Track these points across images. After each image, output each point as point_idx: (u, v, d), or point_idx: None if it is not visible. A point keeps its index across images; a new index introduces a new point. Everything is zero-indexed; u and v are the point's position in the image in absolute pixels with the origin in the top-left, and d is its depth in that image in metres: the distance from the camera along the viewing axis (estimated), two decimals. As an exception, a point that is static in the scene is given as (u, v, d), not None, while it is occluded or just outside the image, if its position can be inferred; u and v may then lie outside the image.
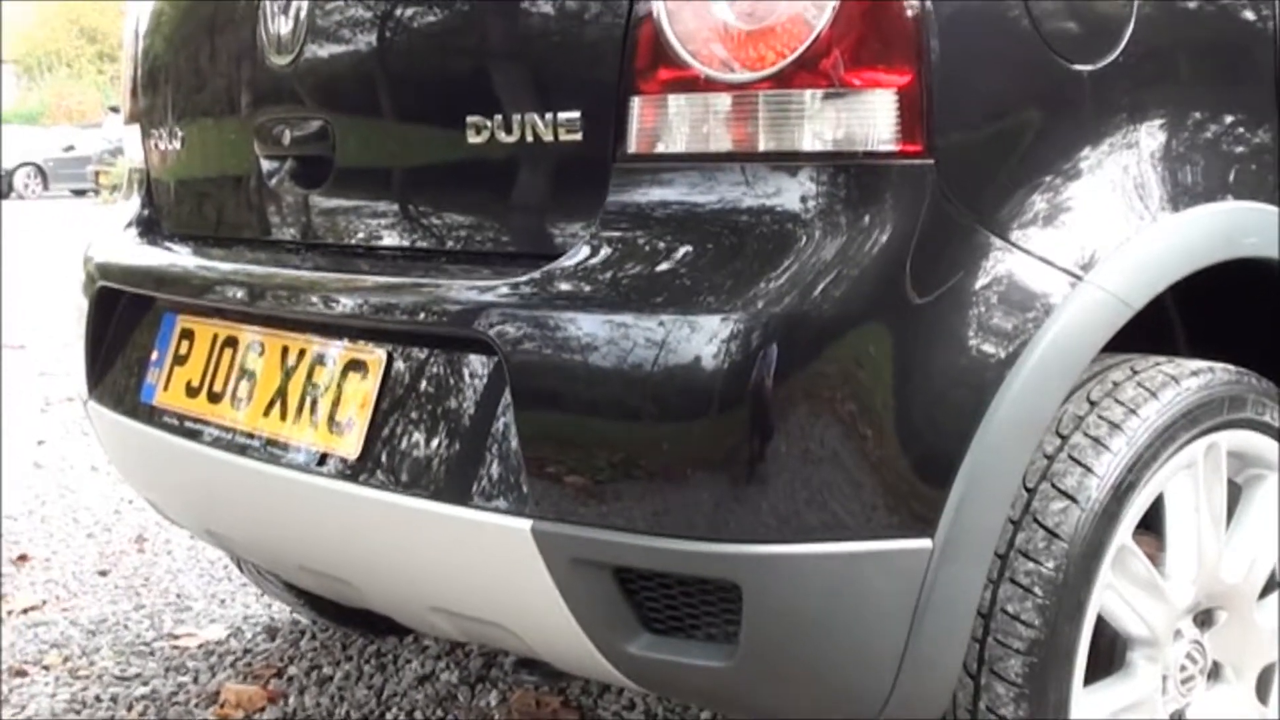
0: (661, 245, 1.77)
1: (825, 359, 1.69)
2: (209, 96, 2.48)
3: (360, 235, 2.16)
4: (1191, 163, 1.97)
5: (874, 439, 1.70)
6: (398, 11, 2.07)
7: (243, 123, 2.36)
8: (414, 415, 1.94)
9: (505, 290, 1.84)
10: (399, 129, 2.12)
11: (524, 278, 1.84)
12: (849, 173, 1.72)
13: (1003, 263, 1.76)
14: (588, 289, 1.78)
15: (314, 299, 2.09)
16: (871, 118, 1.71)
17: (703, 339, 1.68)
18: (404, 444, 1.94)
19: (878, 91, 1.71)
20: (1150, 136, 1.93)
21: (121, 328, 2.56)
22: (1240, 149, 2.05)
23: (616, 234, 1.81)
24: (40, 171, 32.15)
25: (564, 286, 1.80)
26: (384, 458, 1.95)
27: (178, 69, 2.58)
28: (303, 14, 2.19)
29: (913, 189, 1.72)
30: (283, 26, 2.22)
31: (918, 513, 1.72)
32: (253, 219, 2.38)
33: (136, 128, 2.72)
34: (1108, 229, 1.85)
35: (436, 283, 1.94)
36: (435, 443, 1.90)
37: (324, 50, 2.18)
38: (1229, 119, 2.05)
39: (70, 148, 32.58)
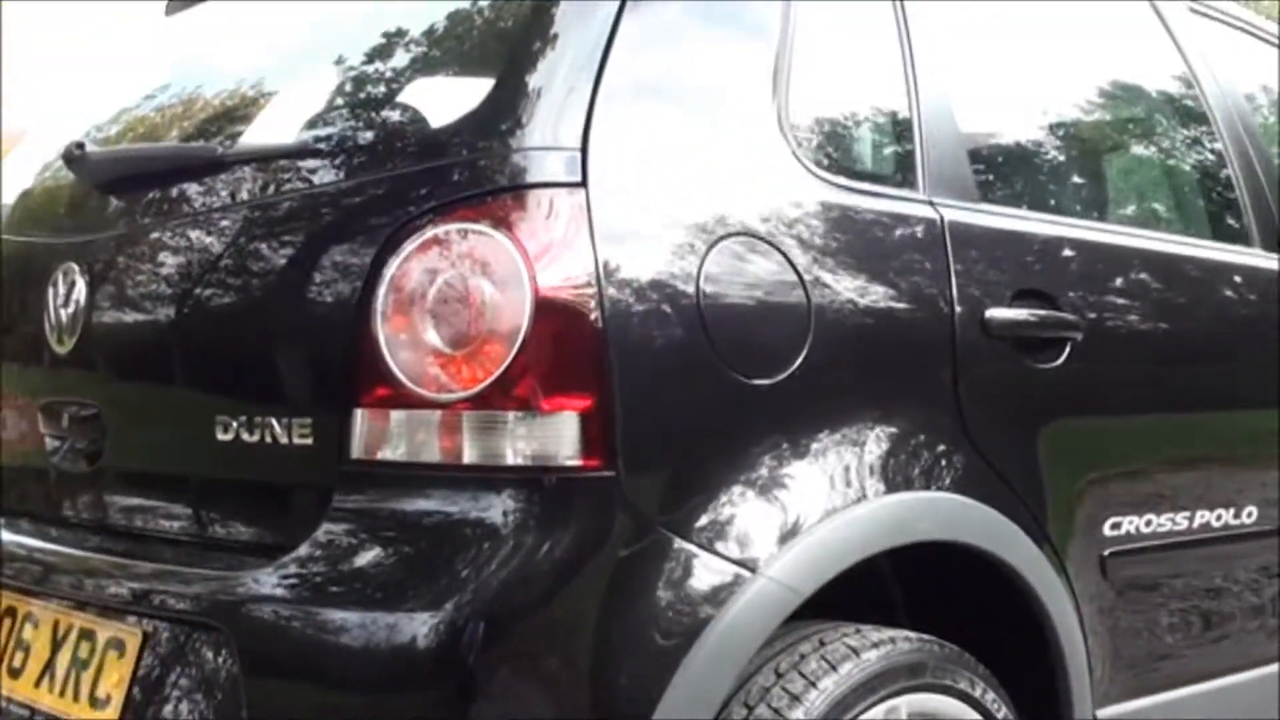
0: (380, 544, 2.00)
1: (521, 649, 1.92)
2: (7, 368, 2.69)
3: (125, 519, 2.37)
4: (862, 461, 2.22)
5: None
6: (160, 312, 2.30)
7: (32, 400, 2.56)
8: (163, 692, 2.13)
9: (241, 581, 2.06)
10: (160, 422, 2.33)
11: (258, 570, 2.06)
12: (541, 485, 1.96)
13: (681, 560, 2.00)
14: (312, 581, 2.00)
15: (82, 578, 2.29)
16: (559, 436, 1.95)
17: (408, 634, 1.90)
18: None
19: (564, 414, 1.95)
20: (825, 440, 2.19)
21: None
22: (914, 445, 2.30)
23: (341, 532, 2.03)
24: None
25: (291, 579, 2.02)
26: (137, 733, 2.14)
27: None
28: (81, 304, 2.41)
29: (596, 499, 1.96)
30: (64, 313, 2.45)
31: (600, 786, 1.93)
32: (39, 493, 2.58)
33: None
34: (781, 526, 2.09)
35: (184, 570, 2.16)
36: (180, 718, 2.09)
37: (98, 342, 2.40)
38: (905, 419, 2.30)
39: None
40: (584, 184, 2.00)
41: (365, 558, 1.99)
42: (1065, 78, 2.96)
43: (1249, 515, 2.92)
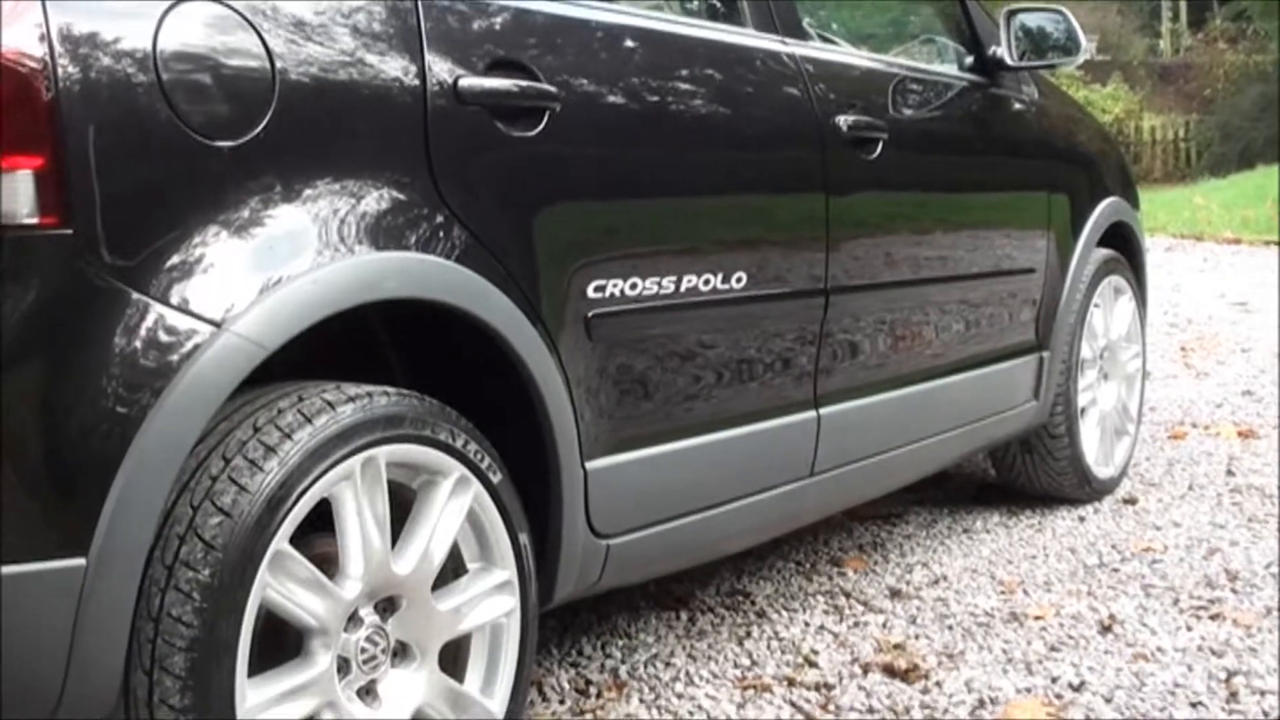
0: None
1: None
2: None
3: None
4: (336, 220, 2.41)
5: (27, 473, 2.09)
6: None
7: None
8: None
9: None
10: None
11: None
12: (1, 241, 2.08)
13: (145, 317, 2.16)
14: None
15: None
16: (15, 194, 2.08)
17: None
18: None
19: (19, 173, 2.08)
20: (296, 199, 2.37)
21: None
22: (387, 205, 2.51)
23: None
24: None
25: None
26: None
27: None
28: None
29: (56, 257, 2.10)
30: None
31: (70, 535, 2.11)
32: None
33: None
34: (249, 283, 2.27)
35: None
36: None
37: None
38: (377, 179, 2.50)
39: None
40: None
41: None
42: None
43: (738, 281, 3.24)
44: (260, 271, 2.30)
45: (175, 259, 2.21)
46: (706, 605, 3.92)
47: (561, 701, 3.30)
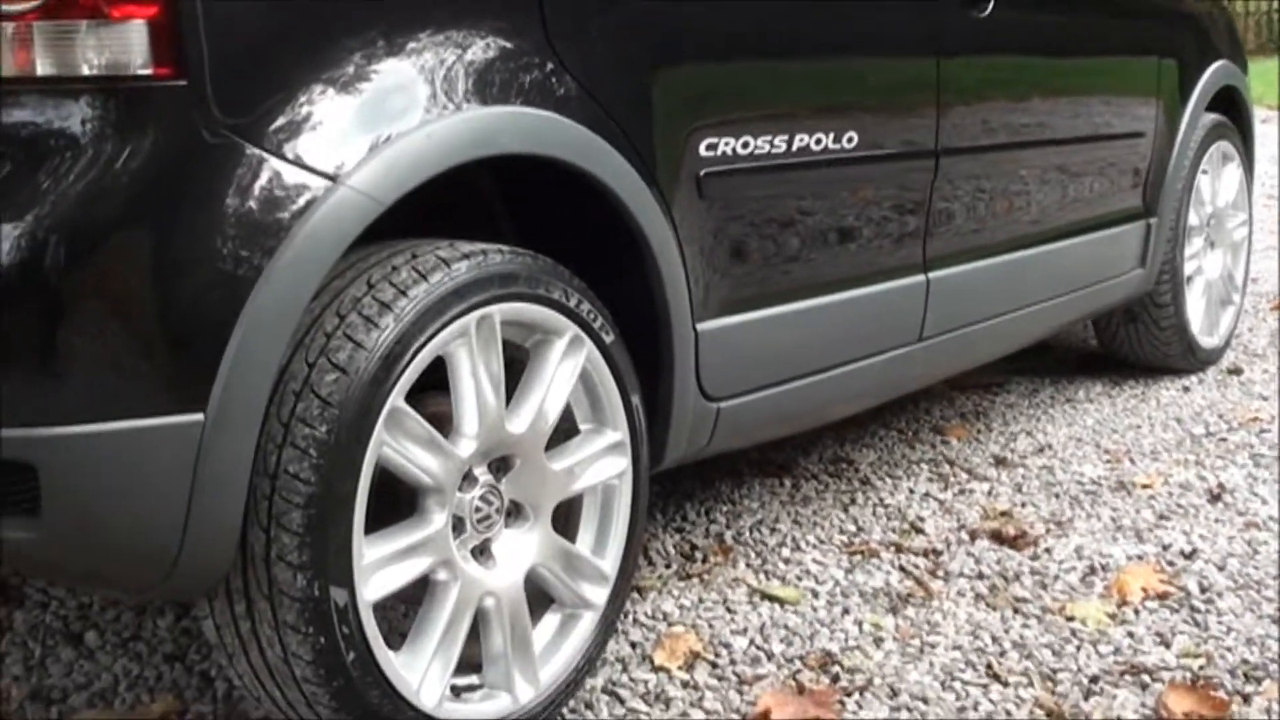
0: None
1: (102, 259, 2.04)
2: None
3: None
4: (447, 73, 2.34)
5: (144, 328, 2.06)
6: None
7: None
8: None
9: None
10: None
11: None
12: (116, 94, 2.04)
13: (261, 169, 2.11)
14: None
15: None
16: (129, 45, 2.03)
17: None
18: None
19: (133, 22, 2.03)
20: (407, 52, 2.30)
21: None
22: (498, 57, 2.44)
23: None
24: None
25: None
26: None
27: None
28: None
29: (169, 107, 2.06)
30: None
31: (188, 391, 2.07)
32: None
33: None
34: (363, 136, 2.22)
35: None
36: None
37: None
38: (489, 31, 2.43)
39: None
40: None
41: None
42: None
43: (849, 141, 3.15)
44: (374, 126, 2.24)
45: (289, 113, 2.16)
46: (810, 473, 3.88)
47: (668, 565, 3.27)
